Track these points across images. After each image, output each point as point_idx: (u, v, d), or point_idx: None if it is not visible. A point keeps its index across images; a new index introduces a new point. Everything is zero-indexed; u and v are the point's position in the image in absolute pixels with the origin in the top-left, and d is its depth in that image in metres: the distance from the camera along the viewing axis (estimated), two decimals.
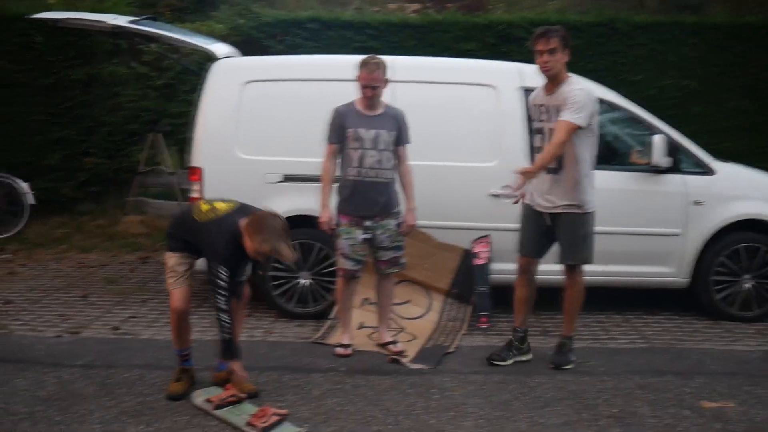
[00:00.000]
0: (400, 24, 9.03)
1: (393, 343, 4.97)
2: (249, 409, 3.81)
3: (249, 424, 3.66)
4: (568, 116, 4.33)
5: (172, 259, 4.04)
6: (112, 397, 4.07)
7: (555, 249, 4.71)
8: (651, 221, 5.71)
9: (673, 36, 8.91)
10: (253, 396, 4.01)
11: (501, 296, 5.79)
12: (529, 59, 8.02)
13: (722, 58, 8.93)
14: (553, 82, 4.47)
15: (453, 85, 5.82)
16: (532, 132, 4.79)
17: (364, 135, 4.72)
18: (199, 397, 3.98)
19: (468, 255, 5.70)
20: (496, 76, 5.83)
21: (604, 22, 8.93)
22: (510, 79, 5.80)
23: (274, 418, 3.64)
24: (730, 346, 5.25)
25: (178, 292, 4.05)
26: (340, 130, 4.77)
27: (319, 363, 4.72)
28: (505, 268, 5.68)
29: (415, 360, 4.77)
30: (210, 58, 6.17)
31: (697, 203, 5.69)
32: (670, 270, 5.78)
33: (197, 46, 6.63)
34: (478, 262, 5.64)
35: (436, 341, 5.18)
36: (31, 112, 8.91)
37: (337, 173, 4.86)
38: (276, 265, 5.62)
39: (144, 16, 7.12)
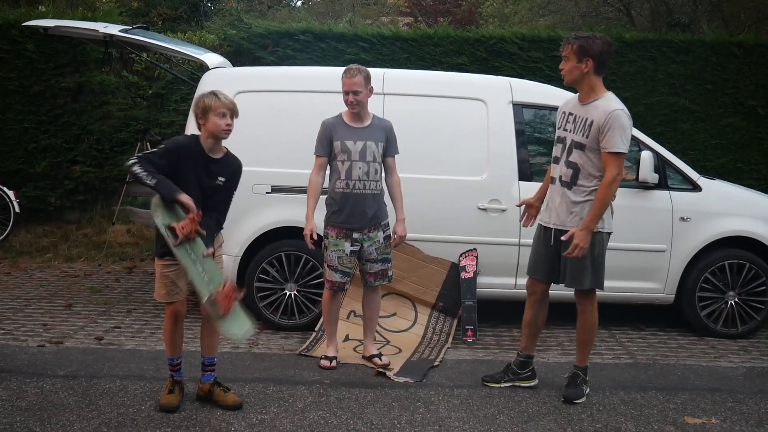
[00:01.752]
0: (392, 37, 9.07)
1: (378, 356, 4.95)
2: (211, 274, 3.83)
3: (210, 301, 3.72)
4: (618, 145, 4.13)
5: (159, 266, 4.02)
6: (93, 408, 4.03)
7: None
8: (637, 237, 5.72)
9: (662, 53, 9.00)
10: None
11: (487, 310, 5.80)
12: (520, 74, 8.08)
13: (713, 76, 9.02)
14: (584, 92, 4.31)
15: (443, 99, 5.83)
16: (554, 141, 4.47)
17: (351, 147, 4.72)
18: (159, 218, 3.84)
19: (455, 268, 5.70)
20: (486, 91, 5.85)
21: None
22: (500, 93, 5.82)
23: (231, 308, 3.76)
24: (714, 362, 5.27)
25: (176, 300, 4.04)
26: (328, 142, 4.77)
27: (304, 375, 4.70)
28: (492, 282, 5.70)
29: (399, 373, 4.75)
30: (201, 68, 6.17)
31: (683, 219, 5.72)
32: (656, 286, 5.80)
33: (188, 55, 6.63)
34: (465, 275, 5.64)
35: (422, 354, 5.17)
36: (19, 119, 8.88)
37: (326, 186, 4.86)
38: (262, 276, 5.61)
39: (136, 25, 7.12)
